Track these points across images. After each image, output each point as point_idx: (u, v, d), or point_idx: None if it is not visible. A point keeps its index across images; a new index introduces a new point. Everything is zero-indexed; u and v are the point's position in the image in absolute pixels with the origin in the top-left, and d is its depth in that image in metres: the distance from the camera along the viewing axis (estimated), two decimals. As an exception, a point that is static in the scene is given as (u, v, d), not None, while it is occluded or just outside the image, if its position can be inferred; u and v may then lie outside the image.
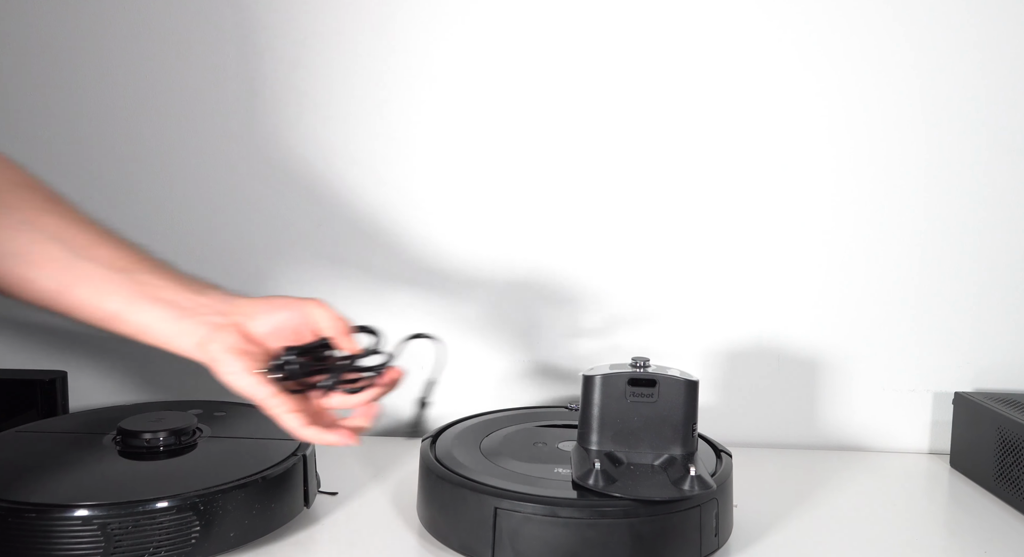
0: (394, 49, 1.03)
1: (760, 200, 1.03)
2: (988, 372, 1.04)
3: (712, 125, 1.03)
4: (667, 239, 1.05)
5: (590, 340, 1.06)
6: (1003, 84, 1.00)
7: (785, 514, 0.84)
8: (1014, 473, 0.88)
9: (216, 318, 0.69)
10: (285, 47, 1.04)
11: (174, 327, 0.68)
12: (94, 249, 0.68)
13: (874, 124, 1.01)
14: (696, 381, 0.75)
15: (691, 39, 1.01)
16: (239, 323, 0.69)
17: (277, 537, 0.77)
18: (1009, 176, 1.01)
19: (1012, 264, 1.02)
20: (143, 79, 1.05)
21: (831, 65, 1.00)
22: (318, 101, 1.04)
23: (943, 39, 0.99)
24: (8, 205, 0.67)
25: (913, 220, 1.03)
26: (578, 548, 0.68)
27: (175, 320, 0.68)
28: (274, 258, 1.08)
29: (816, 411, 1.06)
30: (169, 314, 0.68)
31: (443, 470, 0.75)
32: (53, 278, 0.67)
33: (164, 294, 0.68)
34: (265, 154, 1.06)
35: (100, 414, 0.91)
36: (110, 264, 0.68)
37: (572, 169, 1.04)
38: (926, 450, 1.06)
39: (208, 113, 1.05)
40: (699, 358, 1.06)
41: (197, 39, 1.04)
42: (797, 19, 1.00)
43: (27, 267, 0.67)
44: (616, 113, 1.03)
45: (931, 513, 0.89)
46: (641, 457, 0.74)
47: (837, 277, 1.04)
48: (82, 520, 0.66)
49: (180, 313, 0.68)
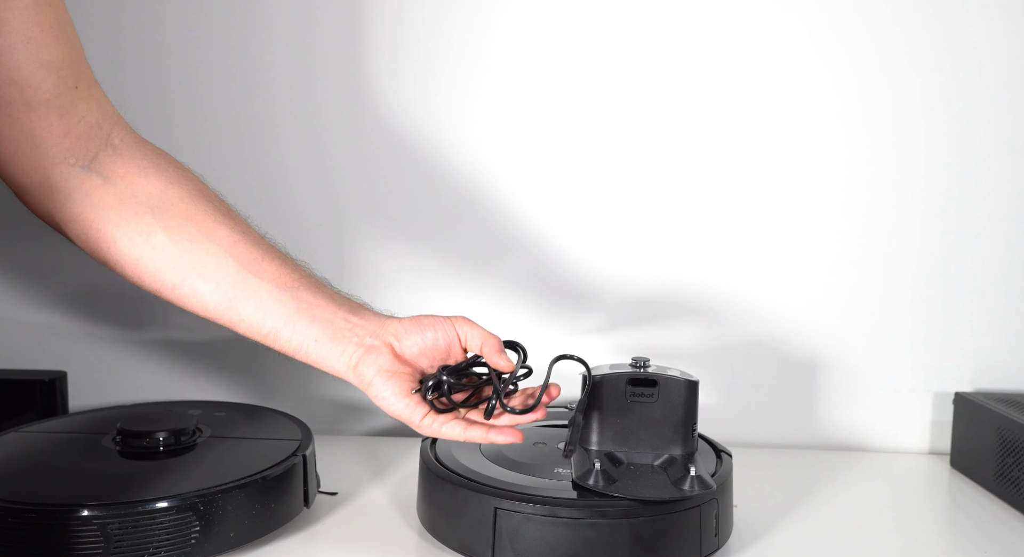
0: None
1: (760, 200, 1.03)
2: (988, 372, 1.04)
3: (714, 127, 1.03)
4: (668, 239, 1.05)
5: (590, 340, 1.06)
6: (1004, 83, 1.00)
7: (785, 514, 0.84)
8: (1014, 473, 0.88)
9: (369, 339, 0.69)
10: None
11: (328, 348, 0.69)
12: (262, 264, 0.69)
13: (872, 123, 1.01)
14: (696, 381, 0.75)
15: (692, 43, 1.01)
16: (391, 344, 0.70)
17: (277, 537, 0.77)
18: (1009, 176, 1.01)
19: (1012, 264, 1.02)
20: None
21: (846, 68, 1.01)
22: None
23: (942, 39, 0.99)
24: (186, 216, 0.69)
25: (913, 220, 1.03)
26: (578, 548, 0.68)
27: (330, 340, 0.69)
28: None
29: (816, 411, 1.06)
30: (325, 334, 0.69)
31: (443, 470, 0.75)
32: (222, 292, 0.68)
33: (322, 313, 0.69)
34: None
35: (100, 414, 0.91)
36: (275, 280, 0.69)
37: (573, 169, 1.04)
38: (926, 450, 1.06)
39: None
40: (699, 358, 1.06)
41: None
42: (795, 20, 1.00)
43: (201, 279, 0.68)
44: (617, 114, 1.03)
45: (931, 513, 0.89)
46: (641, 457, 0.74)
47: (837, 277, 1.04)
48: (82, 520, 0.66)
49: (335, 333, 0.69)
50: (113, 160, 0.69)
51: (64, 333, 1.11)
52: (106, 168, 0.68)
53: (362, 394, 0.70)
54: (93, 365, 1.11)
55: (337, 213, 1.06)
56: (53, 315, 1.10)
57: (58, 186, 0.67)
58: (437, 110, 1.04)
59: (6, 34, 0.61)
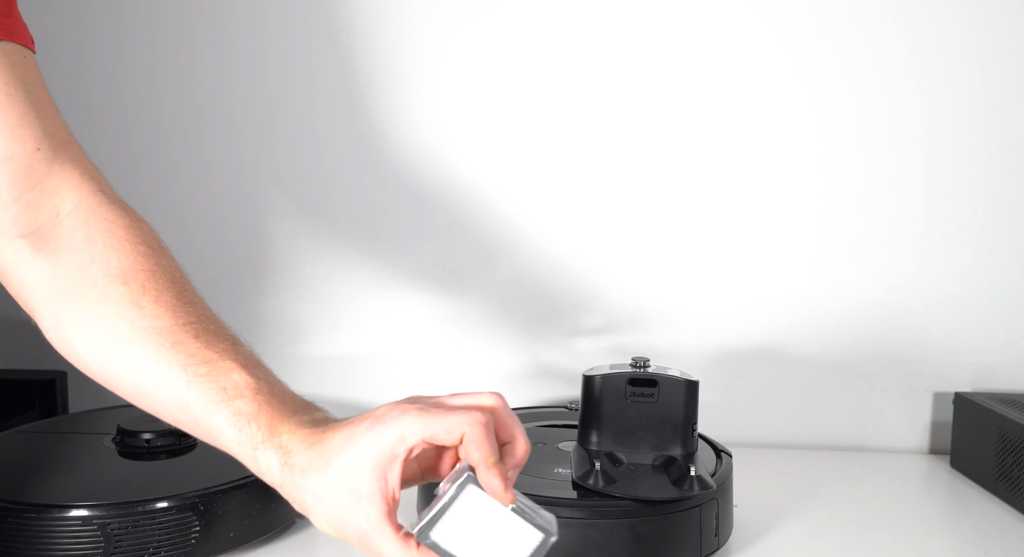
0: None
1: (760, 201, 1.03)
2: (988, 372, 1.04)
3: (713, 128, 1.02)
4: (668, 239, 1.05)
5: (590, 340, 1.06)
6: (1004, 82, 1.00)
7: (785, 514, 0.84)
8: (1014, 473, 0.88)
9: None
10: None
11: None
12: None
13: (872, 124, 1.01)
14: (696, 381, 0.75)
15: (693, 46, 1.01)
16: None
17: (277, 537, 0.77)
18: (1009, 176, 1.01)
19: (1012, 264, 1.02)
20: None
21: (846, 71, 1.01)
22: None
23: (941, 39, 0.99)
24: (91, 304, 0.59)
25: (913, 220, 1.02)
26: (578, 548, 0.68)
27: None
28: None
29: (816, 411, 1.06)
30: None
31: (443, 470, 0.75)
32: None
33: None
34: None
35: (100, 414, 0.91)
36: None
37: (573, 170, 1.04)
38: (926, 450, 1.06)
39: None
40: (699, 358, 1.06)
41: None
42: (793, 21, 1.00)
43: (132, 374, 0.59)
44: (617, 115, 1.03)
45: (931, 513, 0.89)
46: (641, 457, 0.74)
47: (837, 277, 1.04)
48: (82, 520, 0.66)
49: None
50: (53, 231, 0.61)
51: (64, 333, 1.10)
52: (41, 240, 0.61)
53: (362, 395, 0.70)
54: (93, 365, 1.11)
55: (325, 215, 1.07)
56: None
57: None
58: (422, 112, 1.04)
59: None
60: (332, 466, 0.53)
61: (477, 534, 0.53)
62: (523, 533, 0.53)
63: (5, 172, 0.59)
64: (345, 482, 0.52)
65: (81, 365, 0.61)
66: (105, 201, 0.62)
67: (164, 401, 0.57)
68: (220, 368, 0.56)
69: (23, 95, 0.60)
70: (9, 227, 0.60)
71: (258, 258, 1.08)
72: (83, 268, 0.60)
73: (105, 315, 0.58)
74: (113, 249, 0.60)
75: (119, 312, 0.58)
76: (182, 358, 0.57)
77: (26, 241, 0.60)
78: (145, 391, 0.58)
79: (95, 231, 0.61)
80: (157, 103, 1.06)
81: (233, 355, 0.57)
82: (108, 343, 0.58)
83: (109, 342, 0.58)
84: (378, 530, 0.52)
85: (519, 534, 0.53)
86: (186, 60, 1.05)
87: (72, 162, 0.62)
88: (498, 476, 0.52)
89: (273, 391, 0.57)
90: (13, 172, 0.59)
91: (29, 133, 0.60)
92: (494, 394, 0.56)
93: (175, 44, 1.05)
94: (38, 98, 0.61)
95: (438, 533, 0.52)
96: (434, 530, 0.52)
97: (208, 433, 0.56)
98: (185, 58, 1.05)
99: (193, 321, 0.59)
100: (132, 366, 0.58)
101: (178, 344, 0.57)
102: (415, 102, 1.04)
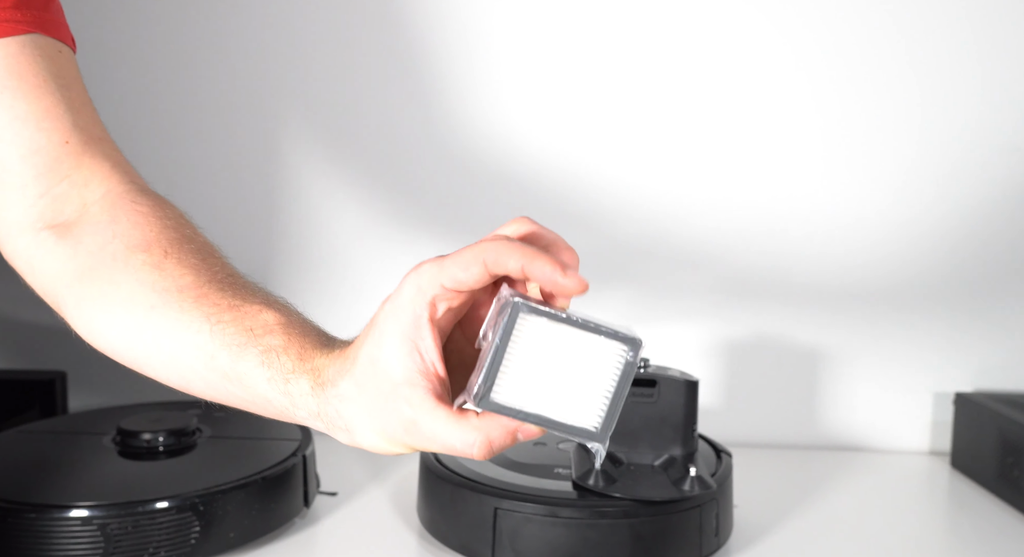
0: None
1: (760, 198, 1.03)
2: (988, 372, 1.04)
3: (712, 124, 1.02)
4: (668, 237, 1.05)
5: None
6: (1005, 84, 1.00)
7: (785, 514, 0.84)
8: (1014, 473, 0.88)
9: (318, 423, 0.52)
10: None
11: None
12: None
13: (872, 124, 1.01)
14: (696, 381, 0.75)
15: (694, 45, 1.01)
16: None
17: (277, 537, 0.77)
18: (1009, 175, 1.01)
19: (1012, 264, 1.02)
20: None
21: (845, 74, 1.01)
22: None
23: (941, 38, 0.99)
24: (111, 278, 0.56)
25: (913, 220, 1.02)
26: (578, 548, 0.68)
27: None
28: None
29: (816, 411, 1.06)
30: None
31: (443, 470, 0.75)
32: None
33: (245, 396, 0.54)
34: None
35: (100, 414, 0.91)
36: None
37: (571, 164, 1.04)
38: (926, 450, 1.06)
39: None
40: (699, 358, 1.06)
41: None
42: (792, 20, 1.00)
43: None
44: (616, 110, 1.03)
45: (931, 513, 0.89)
46: (641, 457, 0.74)
47: (837, 276, 1.04)
48: (82, 520, 0.66)
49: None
50: (79, 219, 0.59)
51: (64, 333, 1.10)
52: (65, 230, 0.59)
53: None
54: (93, 365, 1.10)
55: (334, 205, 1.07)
56: (53, 315, 1.09)
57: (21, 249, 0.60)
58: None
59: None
60: (359, 360, 0.46)
61: (546, 376, 0.41)
62: (602, 352, 0.41)
63: (30, 166, 0.58)
64: (375, 372, 0.45)
65: (105, 345, 0.58)
66: (134, 189, 0.60)
67: (191, 362, 0.53)
68: (247, 311, 0.51)
69: (53, 88, 0.59)
70: (35, 221, 0.59)
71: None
72: (104, 245, 0.57)
73: (125, 282, 0.55)
74: (136, 224, 0.57)
75: (139, 277, 0.55)
76: (205, 309, 0.52)
77: (51, 231, 0.59)
78: (170, 357, 0.54)
79: (120, 212, 0.58)
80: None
81: (263, 299, 0.53)
82: (129, 312, 0.55)
83: (129, 311, 0.55)
84: (425, 411, 0.43)
85: (598, 355, 0.41)
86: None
87: (103, 155, 0.61)
88: (550, 262, 0.42)
89: (305, 328, 0.52)
90: (39, 166, 0.58)
91: (57, 126, 0.59)
92: (521, 218, 0.47)
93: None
94: (70, 92, 0.60)
95: (500, 391, 0.41)
96: (495, 389, 0.41)
97: (240, 383, 0.51)
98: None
99: (220, 278, 0.54)
100: (154, 330, 0.54)
101: (201, 298, 0.53)
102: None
